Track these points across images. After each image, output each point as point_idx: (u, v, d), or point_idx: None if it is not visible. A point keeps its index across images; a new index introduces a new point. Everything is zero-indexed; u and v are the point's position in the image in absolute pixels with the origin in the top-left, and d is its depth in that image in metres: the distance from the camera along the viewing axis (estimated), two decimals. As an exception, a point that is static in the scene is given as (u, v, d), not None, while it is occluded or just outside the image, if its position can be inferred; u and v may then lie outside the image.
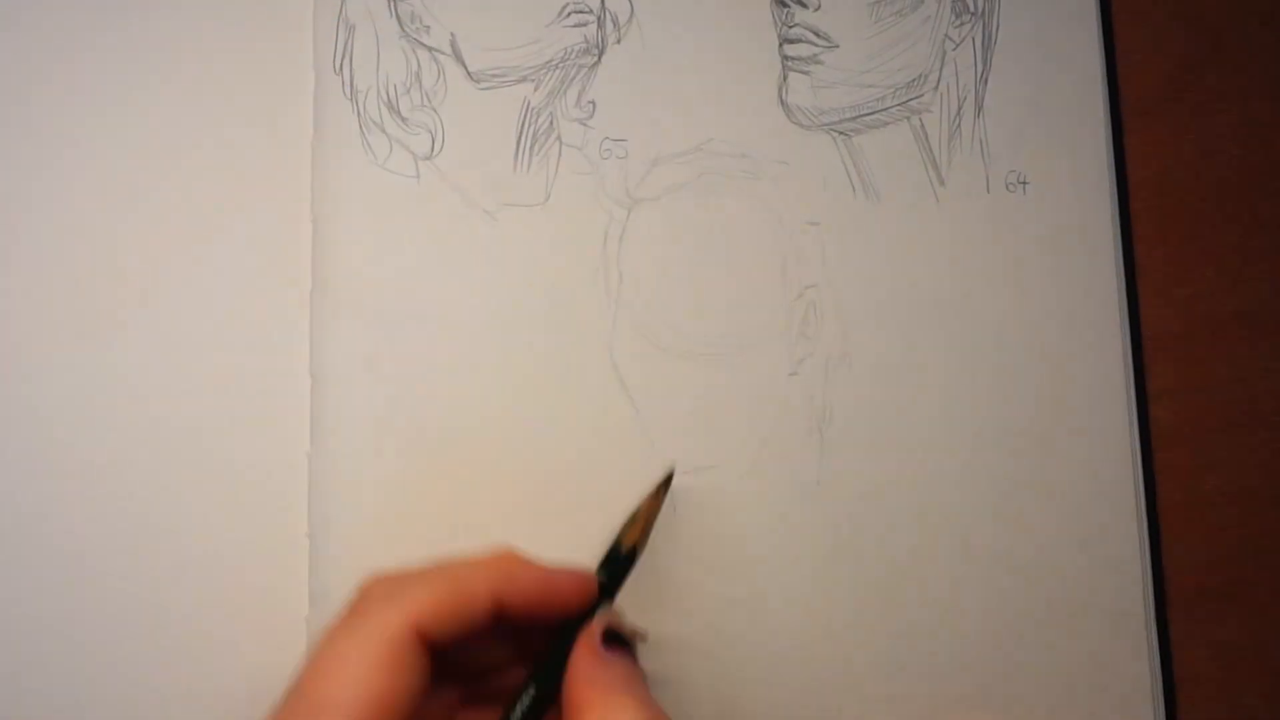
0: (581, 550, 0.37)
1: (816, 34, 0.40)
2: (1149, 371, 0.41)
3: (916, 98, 0.41)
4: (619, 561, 0.35)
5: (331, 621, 0.31)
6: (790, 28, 0.40)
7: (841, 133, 0.40)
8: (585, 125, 0.39)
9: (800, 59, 0.40)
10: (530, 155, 0.39)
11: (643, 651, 0.33)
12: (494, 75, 0.39)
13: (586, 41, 0.39)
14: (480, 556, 0.32)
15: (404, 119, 0.38)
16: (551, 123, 0.39)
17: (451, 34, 0.39)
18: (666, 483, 0.37)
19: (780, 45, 0.40)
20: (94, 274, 0.37)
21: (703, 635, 0.37)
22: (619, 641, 0.33)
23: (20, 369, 0.36)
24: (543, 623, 0.32)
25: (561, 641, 0.32)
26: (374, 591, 0.31)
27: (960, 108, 0.41)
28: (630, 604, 0.37)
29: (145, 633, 0.36)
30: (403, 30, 0.39)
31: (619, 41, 0.40)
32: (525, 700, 0.32)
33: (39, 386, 0.36)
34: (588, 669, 0.32)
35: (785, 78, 0.40)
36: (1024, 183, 0.41)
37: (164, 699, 0.36)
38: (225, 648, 0.36)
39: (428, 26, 0.39)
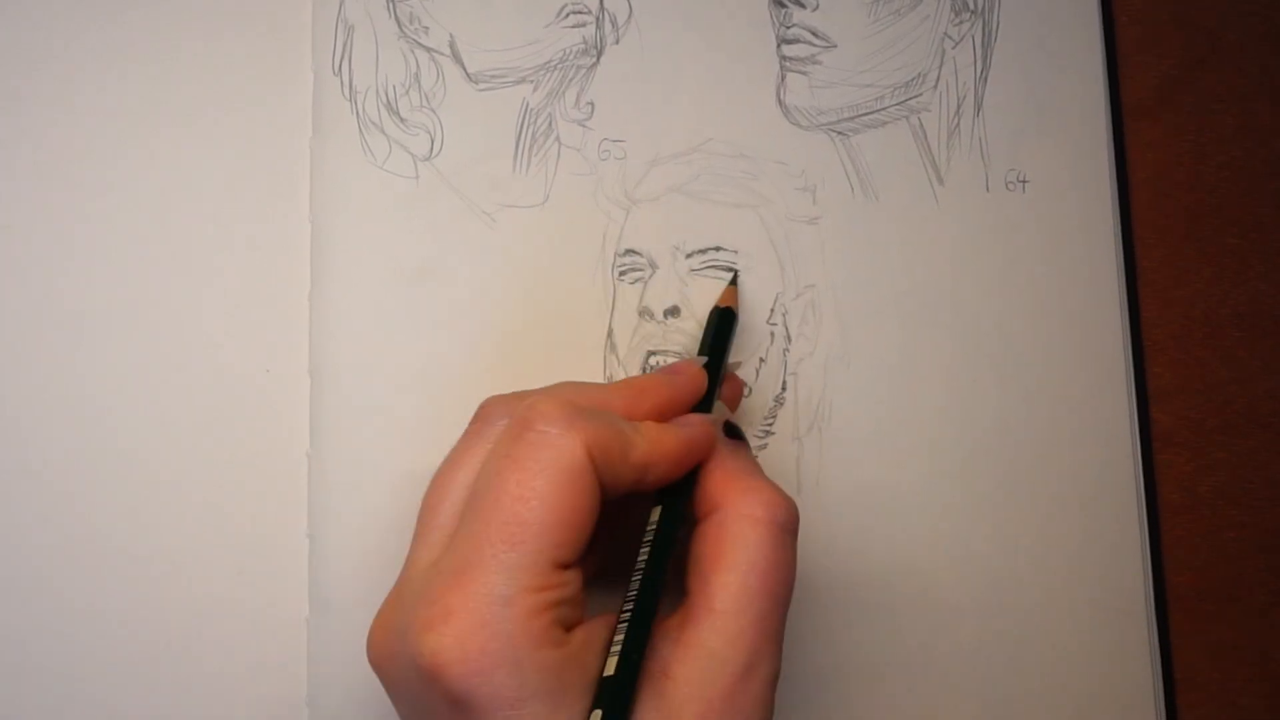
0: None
1: (814, 34, 0.40)
2: (1149, 372, 0.41)
3: (915, 97, 0.41)
4: (726, 322, 0.36)
5: (463, 442, 0.31)
6: (788, 28, 0.40)
7: (840, 132, 0.40)
8: (584, 126, 0.39)
9: (798, 59, 0.40)
10: (529, 156, 0.39)
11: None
12: (493, 76, 0.39)
13: (585, 42, 0.40)
14: (622, 407, 0.31)
15: (403, 120, 0.38)
16: (550, 124, 0.39)
17: (450, 35, 0.39)
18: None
19: (778, 45, 0.40)
20: (93, 274, 0.37)
21: (701, 635, 0.37)
22: (735, 433, 0.33)
23: (18, 369, 0.36)
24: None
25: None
26: (516, 412, 0.30)
27: (959, 106, 0.41)
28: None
29: (144, 633, 0.36)
30: (402, 31, 0.39)
31: (617, 42, 0.40)
32: (671, 514, 0.31)
33: (37, 386, 0.36)
34: (719, 461, 0.32)
35: (783, 78, 0.40)
36: (1024, 182, 0.41)
37: (163, 699, 0.36)
38: (225, 648, 0.36)
39: (427, 28, 0.39)
